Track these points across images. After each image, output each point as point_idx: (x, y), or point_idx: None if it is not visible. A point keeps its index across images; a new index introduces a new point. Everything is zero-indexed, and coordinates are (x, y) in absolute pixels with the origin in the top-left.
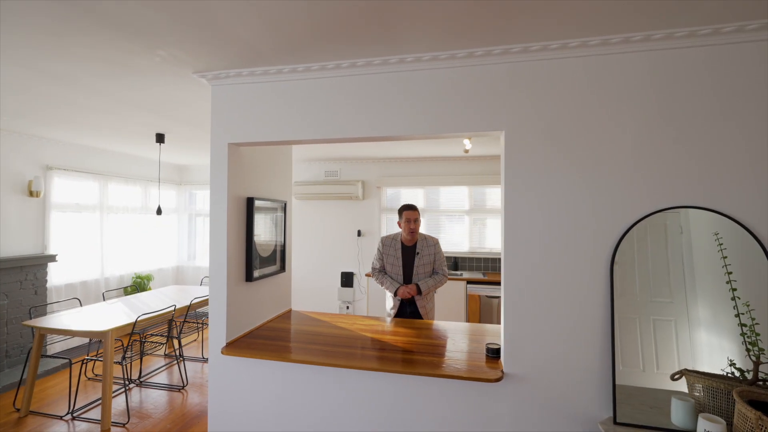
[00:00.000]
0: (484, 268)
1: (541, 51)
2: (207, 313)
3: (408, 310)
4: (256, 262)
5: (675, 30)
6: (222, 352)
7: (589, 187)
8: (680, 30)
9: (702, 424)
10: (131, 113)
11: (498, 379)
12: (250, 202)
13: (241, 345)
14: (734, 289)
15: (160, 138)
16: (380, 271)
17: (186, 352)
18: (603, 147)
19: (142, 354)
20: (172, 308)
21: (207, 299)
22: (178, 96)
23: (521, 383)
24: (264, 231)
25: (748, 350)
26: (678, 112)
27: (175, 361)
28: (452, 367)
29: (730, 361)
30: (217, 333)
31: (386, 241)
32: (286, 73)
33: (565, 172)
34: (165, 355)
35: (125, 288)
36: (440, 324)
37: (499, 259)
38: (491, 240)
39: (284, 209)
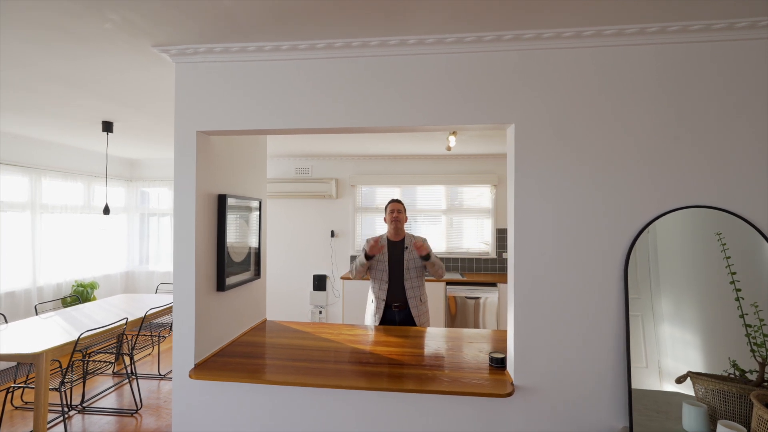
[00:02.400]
0: (461, 269)
1: (554, 39)
2: (164, 324)
3: (397, 318)
4: (229, 269)
5: (690, 23)
6: (190, 376)
7: (601, 186)
8: (695, 23)
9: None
10: (71, 94)
11: (509, 394)
12: (221, 199)
13: (212, 366)
14: (738, 290)
15: (107, 127)
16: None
17: (139, 369)
18: (615, 143)
19: (85, 375)
20: (124, 321)
21: (164, 309)
22: (133, 75)
23: (532, 396)
24: (237, 233)
25: (753, 351)
26: (689, 108)
27: (127, 380)
28: (459, 382)
29: (732, 361)
30: (183, 353)
31: (371, 239)
32: (268, 52)
33: (577, 170)
34: (114, 373)
35: (64, 299)
36: (430, 331)
37: (477, 259)
38: (468, 240)
39: (259, 208)
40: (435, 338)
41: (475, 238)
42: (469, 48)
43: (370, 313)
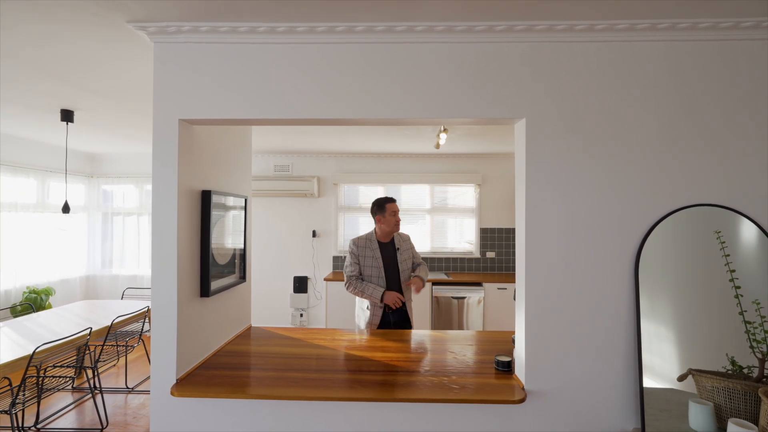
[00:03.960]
0: (446, 269)
1: (566, 32)
2: (133, 332)
3: (392, 319)
4: (213, 272)
5: (699, 20)
6: (173, 393)
7: (611, 183)
8: (704, 20)
9: (735, 429)
10: (26, 76)
11: (522, 400)
12: (206, 196)
13: (197, 380)
14: (738, 287)
15: (67, 116)
16: (357, 279)
17: (104, 382)
18: (626, 140)
19: (40, 393)
20: (87, 331)
21: (134, 317)
22: (101, 55)
23: (543, 400)
24: (222, 232)
25: (752, 347)
26: (698, 106)
27: (89, 395)
28: (468, 389)
29: (730, 358)
30: (163, 367)
31: (360, 243)
32: (262, 34)
33: (588, 166)
34: (74, 389)
35: (13, 307)
36: (425, 333)
37: (461, 258)
38: (452, 239)
39: (245, 206)
40: (433, 341)
41: (460, 238)
42: (480, 38)
43: (364, 319)
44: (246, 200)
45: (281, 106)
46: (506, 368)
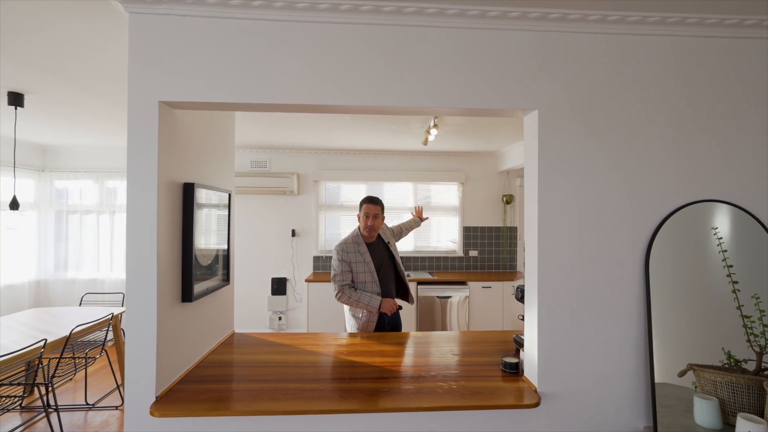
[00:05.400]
0: (430, 268)
1: (580, 21)
2: (95, 341)
3: (386, 321)
4: (197, 274)
5: (707, 16)
6: (152, 413)
7: (622, 178)
8: (711, 17)
9: (744, 425)
10: None
11: (536, 404)
12: (188, 189)
13: (180, 397)
14: (735, 282)
15: (15, 99)
16: (350, 287)
17: (60, 399)
18: (634, 135)
19: None
20: (41, 344)
21: (96, 325)
22: (61, 27)
23: (556, 403)
24: (205, 230)
25: (749, 341)
26: (704, 103)
27: (43, 414)
28: (479, 394)
29: (727, 351)
30: (140, 383)
31: (347, 247)
32: (257, 9)
33: (600, 162)
34: (22, 408)
35: None
36: (421, 335)
37: (444, 257)
38: (436, 239)
39: (229, 202)
40: (429, 343)
41: (443, 237)
42: (492, 24)
43: (356, 325)
44: (230, 195)
45: (276, 90)
46: (514, 370)
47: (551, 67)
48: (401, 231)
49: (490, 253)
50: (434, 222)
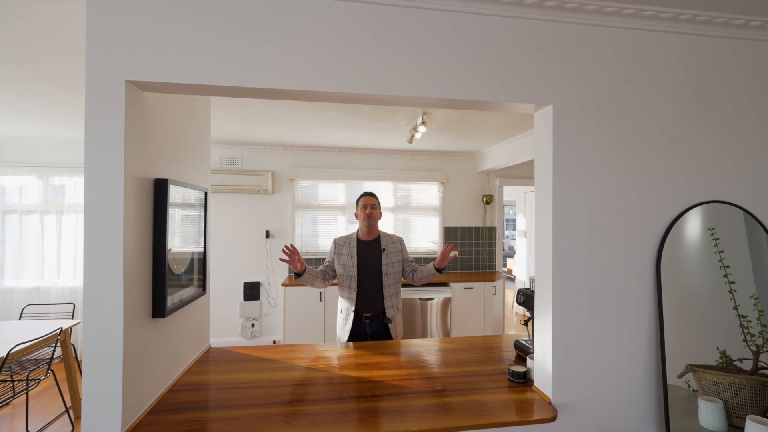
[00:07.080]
0: None
1: (595, 13)
2: (40, 359)
3: (368, 330)
4: (170, 284)
5: (716, 14)
6: None
7: (634, 177)
8: (720, 15)
9: (753, 427)
10: None
11: (553, 418)
12: (160, 186)
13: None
14: (732, 282)
15: None
16: (323, 271)
17: None
18: (645, 133)
19: None
20: None
21: (40, 342)
22: None
23: (571, 413)
24: (179, 234)
25: (745, 341)
26: (711, 105)
27: None
28: (494, 411)
29: (722, 351)
30: (101, 418)
31: (339, 241)
32: None
33: (612, 159)
34: None
35: None
36: (415, 343)
37: (425, 258)
38: (416, 240)
39: (205, 201)
40: (426, 353)
41: (424, 237)
42: (505, 10)
43: (339, 325)
44: (206, 194)
45: (264, 72)
46: (522, 379)
47: (566, 60)
48: (413, 269)
49: (470, 253)
50: (414, 222)
